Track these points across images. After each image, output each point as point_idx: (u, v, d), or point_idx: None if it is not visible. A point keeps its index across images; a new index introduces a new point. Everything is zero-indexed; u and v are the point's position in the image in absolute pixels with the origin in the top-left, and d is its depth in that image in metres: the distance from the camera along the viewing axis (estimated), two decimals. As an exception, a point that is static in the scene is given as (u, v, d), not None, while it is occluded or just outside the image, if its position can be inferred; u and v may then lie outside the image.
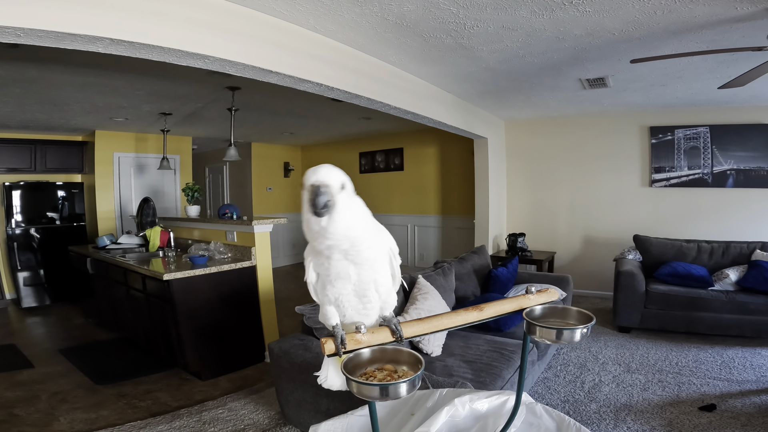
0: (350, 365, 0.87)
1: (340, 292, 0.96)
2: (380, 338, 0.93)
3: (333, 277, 0.94)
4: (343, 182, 0.88)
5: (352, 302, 0.99)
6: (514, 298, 1.14)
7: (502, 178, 6.00)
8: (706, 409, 2.68)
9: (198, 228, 4.36)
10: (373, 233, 0.95)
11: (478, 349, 2.71)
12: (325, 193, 0.84)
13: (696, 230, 5.02)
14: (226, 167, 8.32)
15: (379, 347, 0.92)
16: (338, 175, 0.87)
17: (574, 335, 1.05)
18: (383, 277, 0.99)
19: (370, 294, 0.98)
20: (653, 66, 3.45)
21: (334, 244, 0.88)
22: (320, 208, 0.83)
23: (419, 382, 0.81)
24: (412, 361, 0.88)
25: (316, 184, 0.84)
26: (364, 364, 0.90)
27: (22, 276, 5.56)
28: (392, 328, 0.97)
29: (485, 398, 1.41)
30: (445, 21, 2.57)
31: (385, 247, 0.99)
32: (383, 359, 0.91)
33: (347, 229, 0.87)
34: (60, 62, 3.24)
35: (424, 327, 0.98)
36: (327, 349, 0.87)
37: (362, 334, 0.91)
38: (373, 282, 0.97)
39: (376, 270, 0.97)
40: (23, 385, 3.09)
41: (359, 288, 0.97)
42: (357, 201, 0.92)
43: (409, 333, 0.97)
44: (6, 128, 5.51)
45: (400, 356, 0.91)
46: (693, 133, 5.05)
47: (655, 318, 4.07)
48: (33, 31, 1.78)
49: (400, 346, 0.94)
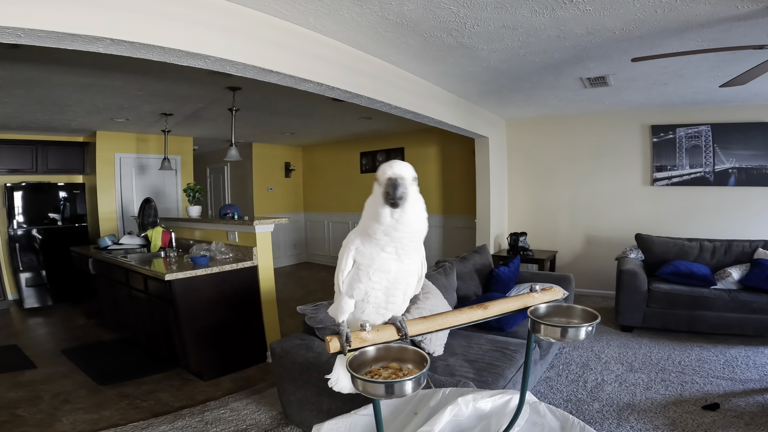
0: (355, 363, 0.87)
1: (372, 287, 0.98)
2: (385, 336, 0.93)
3: (373, 270, 0.96)
4: (414, 176, 0.91)
5: (379, 299, 1.00)
6: (519, 297, 1.14)
7: (504, 177, 6.00)
8: (709, 408, 2.67)
9: (199, 228, 4.36)
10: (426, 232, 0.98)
11: (480, 349, 2.71)
12: (402, 185, 0.87)
13: (698, 229, 5.01)
14: (227, 167, 8.32)
15: (384, 345, 0.92)
16: (411, 169, 0.91)
17: (579, 333, 1.05)
18: (414, 279, 1.02)
19: (398, 294, 1.00)
20: (654, 65, 3.45)
21: (400, 235, 0.91)
22: (398, 198, 0.86)
23: (425, 380, 0.81)
24: (417, 359, 0.88)
25: (393, 177, 0.87)
26: (369, 362, 0.90)
27: (24, 277, 5.57)
28: (397, 326, 0.97)
29: (489, 397, 1.40)
30: (445, 20, 2.57)
31: (422, 252, 1.02)
32: (388, 357, 0.91)
33: (414, 221, 0.91)
34: (61, 63, 3.24)
35: (429, 325, 0.98)
36: (332, 347, 0.87)
37: (367, 332, 0.91)
38: (405, 283, 1.00)
39: (412, 272, 1.00)
40: (26, 386, 3.10)
41: (392, 286, 0.99)
42: (420, 198, 0.95)
43: (414, 331, 0.96)
44: (7, 129, 5.52)
45: (405, 354, 0.91)
46: (694, 132, 5.04)
47: (658, 317, 4.06)
48: (33, 31, 1.78)
49: (405, 344, 0.94)
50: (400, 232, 0.90)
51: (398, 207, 0.87)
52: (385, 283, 0.98)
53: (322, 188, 8.49)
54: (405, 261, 0.96)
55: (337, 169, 7.97)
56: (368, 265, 0.95)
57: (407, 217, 0.89)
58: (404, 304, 1.05)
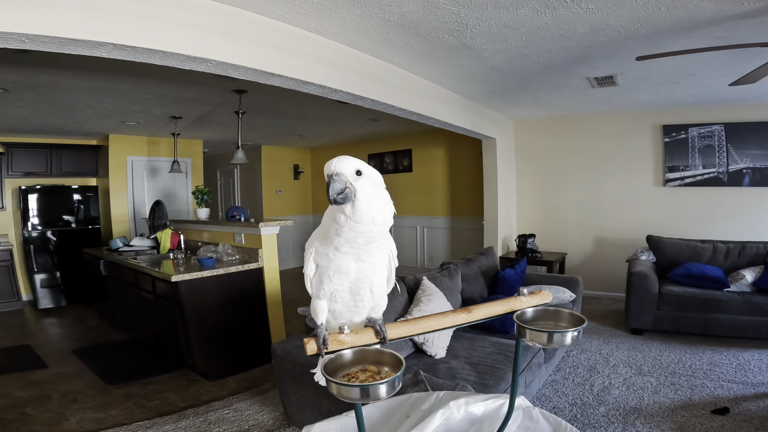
0: (332, 366, 0.86)
1: (336, 288, 0.96)
2: (364, 339, 0.92)
3: (332, 271, 0.94)
4: (358, 169, 0.87)
5: (346, 299, 0.99)
6: (505, 300, 1.13)
7: (512, 178, 5.95)
8: (718, 412, 2.62)
9: (207, 230, 4.40)
10: (386, 231, 0.94)
11: (483, 351, 2.69)
12: (338, 182, 0.84)
13: (711, 230, 4.91)
14: (237, 170, 8.40)
15: (361, 348, 0.92)
16: (351, 162, 0.87)
17: (564, 338, 1.03)
18: (380, 278, 1.00)
19: (365, 293, 0.98)
20: (662, 63, 3.39)
21: (354, 235, 0.88)
22: (335, 195, 0.83)
23: (399, 384, 0.80)
24: (393, 363, 0.87)
25: (329, 173, 0.85)
26: (347, 365, 0.89)
27: (39, 278, 5.69)
28: (376, 329, 0.96)
29: (481, 401, 1.39)
30: (446, 21, 2.56)
31: (387, 249, 0.99)
32: (366, 360, 0.90)
33: (368, 219, 0.86)
34: (70, 67, 3.31)
35: (410, 329, 0.97)
36: (309, 350, 0.87)
37: (345, 334, 0.91)
38: (370, 282, 0.97)
39: (375, 270, 0.97)
40: (36, 385, 3.16)
41: (355, 286, 0.97)
42: (383, 193, 0.91)
43: (394, 334, 0.96)
44: (22, 133, 5.65)
45: (382, 357, 0.90)
46: (707, 132, 4.95)
47: (669, 320, 3.99)
48: (37, 36, 1.82)
49: (385, 347, 0.94)
50: (354, 232, 0.87)
51: (340, 205, 0.85)
52: (347, 284, 0.96)
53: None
54: (366, 260, 0.94)
55: (346, 170, 7.99)
56: (326, 266, 0.94)
57: (359, 215, 0.86)
58: (381, 301, 1.03)
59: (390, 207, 0.92)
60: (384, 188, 0.92)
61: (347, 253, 0.92)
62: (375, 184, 0.89)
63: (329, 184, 0.83)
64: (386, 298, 1.06)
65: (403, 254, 7.23)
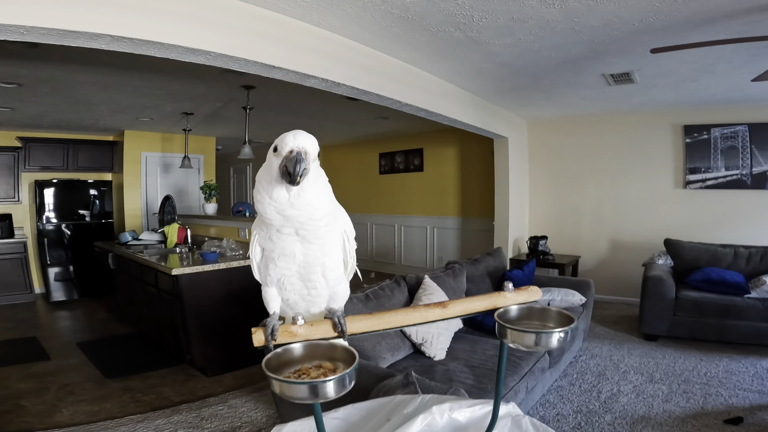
0: (277, 362, 0.78)
1: (282, 273, 0.89)
2: (320, 332, 0.85)
3: (277, 254, 0.88)
4: (318, 151, 0.83)
5: (296, 286, 0.91)
6: (487, 296, 1.04)
7: (524, 179, 5.82)
8: (731, 422, 2.50)
9: (213, 225, 4.41)
10: (331, 210, 0.88)
11: (484, 354, 2.60)
12: (304, 160, 0.78)
13: (733, 234, 4.70)
14: (249, 167, 8.45)
15: (312, 342, 0.84)
16: (314, 141, 0.82)
17: (550, 340, 0.93)
18: (333, 262, 0.92)
19: (316, 279, 0.91)
20: (681, 60, 3.26)
21: (293, 215, 0.82)
22: (298, 176, 0.76)
23: (351, 382, 0.73)
24: (347, 358, 0.79)
25: (297, 150, 0.78)
26: (297, 361, 0.82)
27: (53, 271, 5.78)
28: (335, 321, 0.88)
29: (467, 407, 1.30)
30: (450, 13, 2.48)
31: (340, 229, 0.92)
32: (317, 356, 0.83)
33: (313, 200, 0.82)
34: (81, 62, 3.33)
35: (373, 323, 0.90)
36: (255, 340, 0.80)
37: (299, 326, 0.84)
38: (321, 265, 0.90)
39: (326, 253, 0.89)
40: (36, 377, 3.18)
41: (304, 270, 0.89)
42: (322, 173, 0.86)
43: (354, 328, 0.88)
44: (40, 128, 5.77)
45: (334, 353, 0.82)
46: (731, 132, 4.75)
47: (685, 326, 3.84)
48: (35, 28, 1.82)
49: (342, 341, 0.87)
50: (296, 210, 0.81)
51: (297, 185, 0.78)
52: (294, 268, 0.89)
53: (340, 189, 8.32)
54: (314, 241, 0.86)
55: (356, 169, 7.94)
56: (271, 249, 0.87)
57: (306, 196, 0.81)
58: (339, 289, 0.95)
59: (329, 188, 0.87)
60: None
61: (289, 234, 0.85)
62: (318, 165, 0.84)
63: (298, 162, 0.76)
64: (346, 285, 0.98)
65: (412, 255, 7.15)
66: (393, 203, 7.40)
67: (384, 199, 7.52)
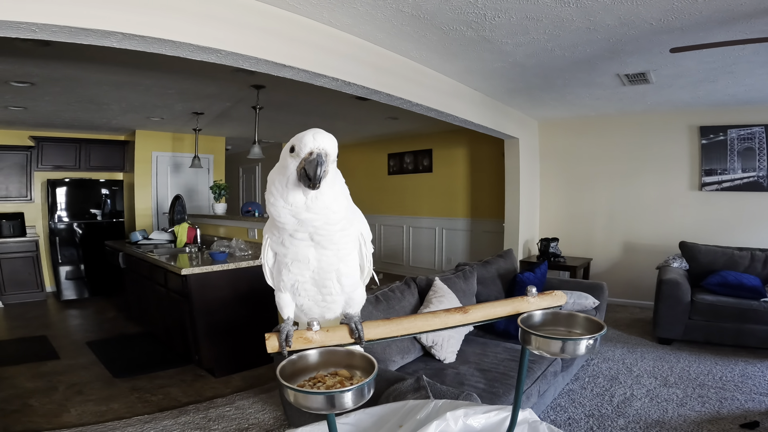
0: (292, 369, 0.75)
1: (296, 279, 0.86)
2: (336, 338, 0.81)
3: (290, 260, 0.84)
4: (337, 152, 0.79)
5: (310, 292, 0.88)
6: (510, 300, 1.00)
7: (535, 180, 5.75)
8: (748, 426, 2.44)
9: (223, 225, 4.41)
10: (348, 214, 0.84)
11: (496, 357, 2.56)
12: (325, 162, 0.73)
13: (750, 237, 4.61)
14: (258, 167, 8.45)
15: (328, 349, 0.80)
16: (336, 143, 0.78)
17: (578, 347, 0.88)
18: (348, 267, 0.88)
19: (331, 285, 0.87)
20: (699, 60, 3.18)
21: (309, 219, 0.78)
22: (318, 179, 0.72)
23: (370, 392, 0.69)
24: (365, 366, 0.76)
25: (318, 152, 0.73)
26: (312, 368, 0.78)
27: (64, 270, 5.82)
28: (352, 327, 0.84)
29: (482, 413, 1.27)
30: (463, 12, 2.44)
31: (356, 232, 0.88)
32: (335, 363, 0.79)
33: (331, 203, 0.78)
34: (94, 61, 3.34)
35: (391, 329, 0.86)
36: (269, 347, 0.77)
37: (314, 331, 0.80)
38: (336, 271, 0.86)
39: (342, 258, 0.86)
40: (44, 376, 3.18)
41: (319, 276, 0.86)
42: (339, 174, 0.83)
43: (372, 335, 0.85)
44: (53, 127, 5.81)
45: (352, 360, 0.79)
46: (747, 133, 4.65)
47: (701, 330, 3.77)
48: (46, 26, 1.81)
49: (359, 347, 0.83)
50: (312, 213, 0.77)
51: (317, 189, 0.74)
52: (308, 274, 0.85)
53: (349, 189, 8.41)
54: (328, 247, 0.82)
55: (365, 170, 7.91)
56: (284, 254, 0.84)
57: (324, 199, 0.77)
58: (355, 294, 0.92)
59: (346, 190, 0.83)
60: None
61: (303, 239, 0.81)
62: (336, 168, 0.81)
63: (319, 165, 0.72)
64: (362, 290, 0.94)
65: (420, 256, 7.10)
66: (402, 204, 7.36)
67: (392, 199, 7.48)
